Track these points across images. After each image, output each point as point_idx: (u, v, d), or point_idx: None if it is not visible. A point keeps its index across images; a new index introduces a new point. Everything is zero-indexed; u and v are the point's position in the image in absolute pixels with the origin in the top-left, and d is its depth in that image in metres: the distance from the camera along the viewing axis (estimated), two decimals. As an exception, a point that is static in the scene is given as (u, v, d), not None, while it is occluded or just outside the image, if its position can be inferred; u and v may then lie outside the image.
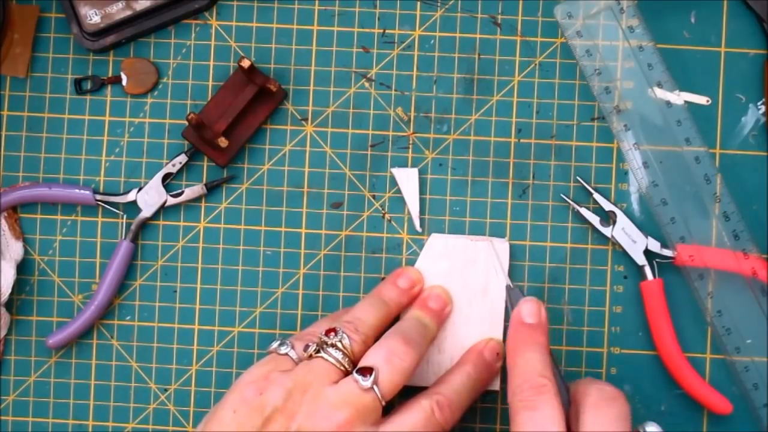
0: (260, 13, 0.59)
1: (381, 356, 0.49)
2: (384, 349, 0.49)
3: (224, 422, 0.47)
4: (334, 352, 0.49)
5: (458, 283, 0.56)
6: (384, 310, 0.53)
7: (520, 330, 0.49)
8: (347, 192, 0.58)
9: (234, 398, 0.48)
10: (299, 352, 0.50)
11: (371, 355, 0.49)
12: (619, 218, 0.57)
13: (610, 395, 0.47)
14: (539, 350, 0.49)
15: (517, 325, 0.50)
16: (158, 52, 0.59)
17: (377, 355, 0.49)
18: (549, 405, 0.46)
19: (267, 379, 0.48)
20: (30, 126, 0.59)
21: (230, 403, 0.48)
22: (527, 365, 0.48)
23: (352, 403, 0.47)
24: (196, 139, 0.57)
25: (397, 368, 0.49)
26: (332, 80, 0.59)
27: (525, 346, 0.49)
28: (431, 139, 0.58)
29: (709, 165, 0.57)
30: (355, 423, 0.47)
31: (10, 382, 0.58)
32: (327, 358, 0.48)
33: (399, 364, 0.49)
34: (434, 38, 0.59)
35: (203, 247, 0.58)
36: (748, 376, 0.57)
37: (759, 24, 0.58)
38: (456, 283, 0.56)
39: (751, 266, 0.56)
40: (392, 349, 0.49)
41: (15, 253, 0.58)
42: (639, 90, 0.58)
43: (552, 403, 0.46)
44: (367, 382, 0.47)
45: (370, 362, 0.48)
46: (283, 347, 0.50)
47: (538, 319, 0.50)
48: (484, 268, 0.56)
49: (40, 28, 0.59)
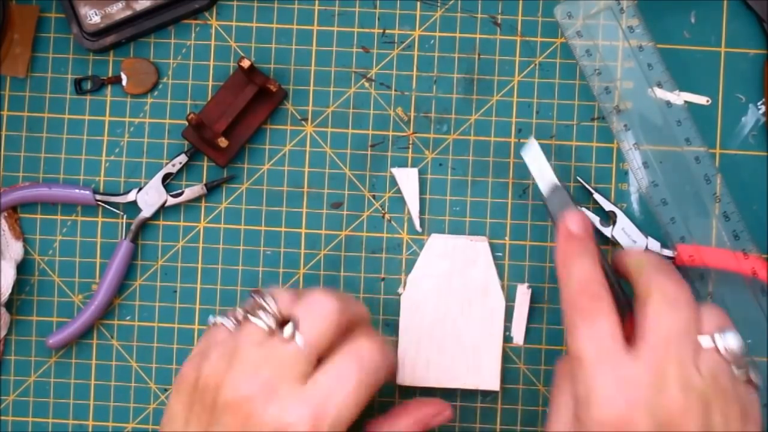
0: (260, 13, 0.59)
1: (301, 308, 0.47)
2: (304, 300, 0.47)
3: (173, 411, 0.47)
4: (260, 313, 0.47)
5: (458, 283, 0.56)
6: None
7: (569, 241, 0.49)
8: (347, 192, 0.58)
9: (178, 384, 0.47)
10: (232, 320, 0.48)
11: (293, 309, 0.47)
12: (619, 218, 0.57)
13: (673, 296, 0.46)
14: (590, 259, 0.48)
15: (565, 236, 0.49)
16: (158, 52, 0.59)
17: (298, 308, 0.47)
18: (607, 316, 0.45)
19: (201, 354, 0.47)
20: (30, 126, 0.59)
21: (176, 390, 0.47)
22: (580, 274, 0.47)
23: (274, 358, 0.45)
24: (196, 139, 0.57)
25: (318, 314, 0.46)
26: (332, 80, 0.59)
27: (575, 256, 0.48)
28: (431, 139, 0.58)
29: (709, 165, 0.57)
30: (280, 378, 0.45)
31: (10, 382, 0.58)
32: (253, 320, 0.47)
33: (320, 310, 0.46)
34: (434, 38, 0.59)
35: (203, 247, 0.58)
36: (748, 376, 0.57)
37: (759, 24, 0.58)
38: (456, 282, 0.56)
39: (751, 266, 0.56)
40: (312, 298, 0.47)
41: (15, 253, 0.58)
42: (639, 90, 0.58)
43: (610, 313, 0.46)
44: (286, 332, 0.46)
45: (291, 314, 0.47)
46: (218, 318, 0.49)
47: (586, 228, 0.49)
48: (484, 267, 0.56)
49: (40, 28, 0.59)
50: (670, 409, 0.43)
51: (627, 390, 0.44)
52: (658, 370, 0.44)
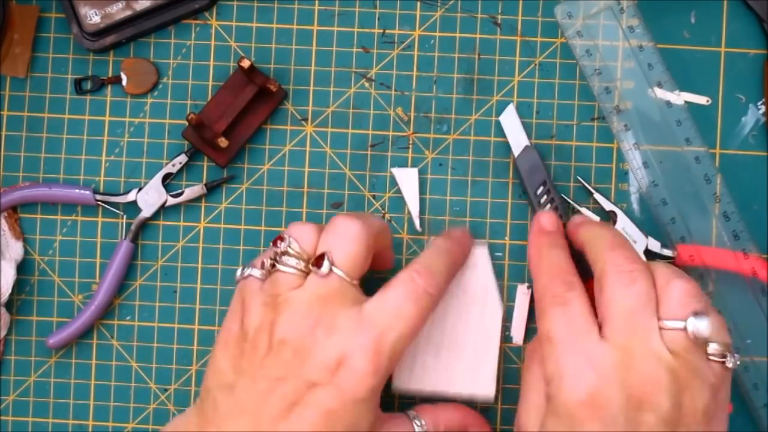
0: (260, 13, 0.59)
1: (328, 239, 0.48)
2: (329, 232, 0.48)
3: (220, 366, 0.47)
4: (287, 259, 0.47)
5: (456, 287, 0.55)
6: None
7: (541, 236, 0.52)
8: (347, 192, 0.58)
9: (223, 339, 0.48)
10: (260, 269, 0.49)
11: (320, 245, 0.48)
12: (620, 218, 0.57)
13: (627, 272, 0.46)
14: (562, 251, 0.50)
15: (537, 232, 0.52)
16: (158, 52, 0.59)
17: (325, 241, 0.48)
18: (579, 300, 0.47)
19: (241, 307, 0.48)
20: (30, 126, 0.59)
21: (221, 345, 0.48)
22: (553, 265, 0.49)
23: (321, 295, 0.46)
24: (196, 139, 0.57)
25: (347, 240, 0.47)
26: (332, 80, 0.59)
27: (548, 248, 0.50)
28: (431, 139, 0.58)
29: (709, 165, 0.57)
30: (334, 311, 0.46)
31: (10, 382, 0.58)
32: (282, 268, 0.47)
33: (348, 235, 0.47)
34: (434, 38, 0.59)
35: (203, 247, 0.58)
36: (748, 376, 0.57)
37: (759, 24, 0.58)
38: (454, 286, 0.55)
39: (751, 266, 0.56)
40: (336, 225, 0.48)
41: (15, 253, 0.58)
42: (639, 90, 0.58)
43: (581, 298, 0.47)
44: (324, 268, 0.46)
45: (321, 250, 0.47)
46: (246, 270, 0.49)
47: (557, 226, 0.53)
48: (482, 272, 0.56)
49: (40, 28, 0.59)
50: (639, 385, 0.44)
51: (597, 368, 0.44)
52: (625, 347, 0.44)
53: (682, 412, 0.44)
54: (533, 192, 0.56)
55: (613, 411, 0.43)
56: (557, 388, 0.45)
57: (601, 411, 0.43)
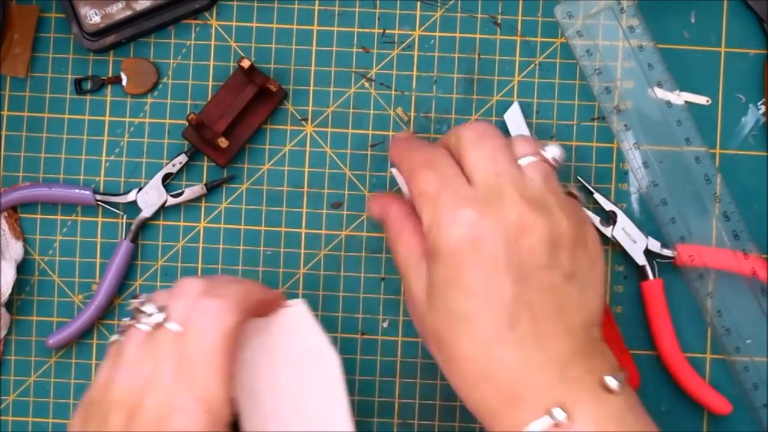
0: (260, 13, 0.59)
1: (169, 295, 0.46)
2: (172, 290, 0.46)
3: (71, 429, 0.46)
4: (140, 316, 0.46)
5: (283, 357, 0.50)
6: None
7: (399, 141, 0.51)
8: (347, 192, 0.58)
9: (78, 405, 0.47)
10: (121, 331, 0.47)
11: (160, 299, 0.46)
12: (620, 218, 0.57)
13: (479, 134, 0.47)
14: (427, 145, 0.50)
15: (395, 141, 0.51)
16: (158, 52, 0.59)
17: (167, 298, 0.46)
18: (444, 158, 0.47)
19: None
20: (30, 126, 0.59)
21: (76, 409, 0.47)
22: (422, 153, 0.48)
23: (154, 350, 0.45)
24: (196, 139, 0.57)
25: (185, 296, 0.45)
26: (332, 80, 0.59)
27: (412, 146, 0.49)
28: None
29: (709, 165, 0.57)
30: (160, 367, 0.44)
31: (10, 382, 0.58)
32: (135, 324, 0.46)
33: (186, 292, 0.45)
34: (434, 38, 0.59)
35: (203, 247, 0.58)
36: (748, 376, 0.57)
37: (759, 24, 0.58)
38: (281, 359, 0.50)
39: (751, 266, 0.56)
40: (178, 284, 0.46)
41: (15, 253, 0.58)
42: (639, 90, 0.58)
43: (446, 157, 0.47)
44: (154, 320, 0.45)
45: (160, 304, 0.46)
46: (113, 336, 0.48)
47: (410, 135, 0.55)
48: (304, 331, 0.50)
49: (40, 28, 0.59)
50: (514, 218, 0.44)
51: (472, 205, 0.45)
52: (496, 189, 0.45)
53: (558, 231, 0.45)
54: None
55: (495, 239, 0.44)
56: (437, 232, 0.45)
57: (484, 241, 0.44)
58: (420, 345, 0.58)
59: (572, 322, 0.44)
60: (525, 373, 0.43)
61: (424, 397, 0.58)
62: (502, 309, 0.43)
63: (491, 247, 0.44)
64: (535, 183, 0.46)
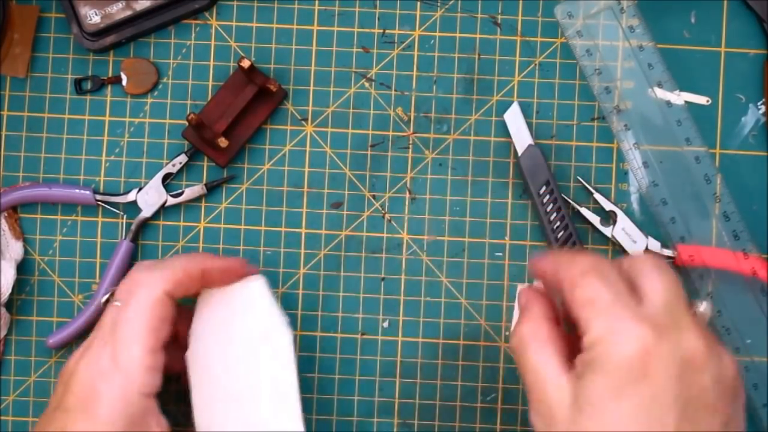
0: (260, 13, 0.59)
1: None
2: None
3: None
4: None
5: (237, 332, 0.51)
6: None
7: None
8: (347, 192, 0.58)
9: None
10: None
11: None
12: (620, 218, 0.57)
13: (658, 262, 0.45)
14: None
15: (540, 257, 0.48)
16: (158, 52, 0.59)
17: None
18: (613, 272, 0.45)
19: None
20: (30, 126, 0.59)
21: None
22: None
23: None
24: (196, 139, 0.57)
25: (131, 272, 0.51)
26: (332, 80, 0.59)
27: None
28: (431, 139, 0.58)
29: (709, 165, 0.57)
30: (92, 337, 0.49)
31: (10, 382, 0.58)
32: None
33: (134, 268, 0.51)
34: (434, 38, 0.59)
35: (203, 247, 0.58)
36: (748, 376, 0.57)
37: (759, 24, 0.58)
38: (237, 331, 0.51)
39: (751, 266, 0.56)
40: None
41: (15, 253, 0.58)
42: (639, 90, 0.58)
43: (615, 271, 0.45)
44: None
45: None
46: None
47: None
48: (261, 308, 0.51)
49: (40, 28, 0.59)
50: (691, 351, 0.42)
51: (650, 329, 0.42)
52: (674, 315, 0.43)
53: (726, 374, 0.43)
54: (536, 191, 0.56)
55: (667, 366, 0.41)
56: (609, 343, 0.42)
57: (657, 366, 0.41)
58: (420, 345, 0.58)
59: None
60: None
61: (424, 397, 0.58)
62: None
63: (663, 374, 0.41)
64: (703, 323, 0.45)
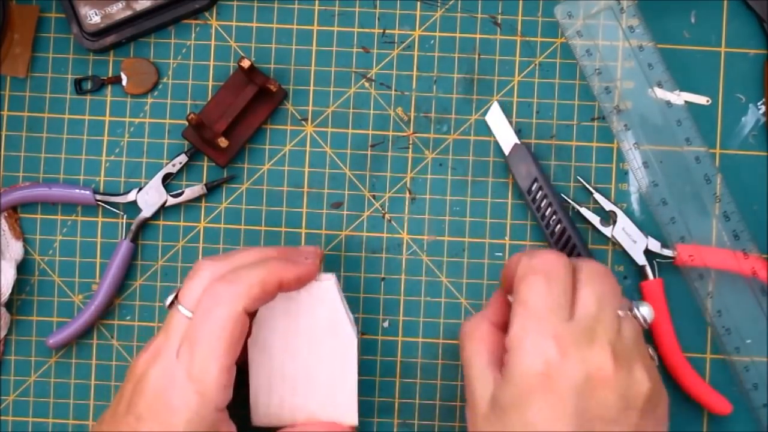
0: (260, 13, 0.59)
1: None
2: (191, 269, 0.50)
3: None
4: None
5: (308, 322, 0.52)
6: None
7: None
8: (347, 192, 0.58)
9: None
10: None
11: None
12: (620, 218, 0.57)
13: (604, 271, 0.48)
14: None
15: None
16: (158, 52, 0.59)
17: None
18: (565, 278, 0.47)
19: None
20: (30, 126, 0.59)
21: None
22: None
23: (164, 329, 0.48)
24: (196, 139, 0.57)
25: (194, 280, 0.48)
26: (332, 80, 0.59)
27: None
28: (431, 139, 0.58)
29: (709, 165, 0.57)
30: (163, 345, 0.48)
31: (10, 382, 0.58)
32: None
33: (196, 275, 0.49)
34: (434, 38, 0.59)
35: (203, 247, 0.58)
36: (748, 376, 0.57)
37: (759, 24, 0.58)
38: (306, 322, 0.52)
39: (751, 266, 0.56)
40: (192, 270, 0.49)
41: (15, 253, 0.58)
42: (639, 90, 0.58)
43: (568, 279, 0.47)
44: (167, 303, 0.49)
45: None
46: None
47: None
48: (330, 306, 0.52)
49: (40, 28, 0.59)
50: (595, 368, 0.44)
51: (556, 348, 0.44)
52: (589, 332, 0.45)
53: (635, 391, 0.45)
54: (526, 190, 0.56)
55: (569, 383, 0.44)
56: (516, 352, 0.45)
57: (559, 381, 0.44)
58: (420, 345, 0.58)
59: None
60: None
61: (424, 397, 0.58)
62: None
63: (564, 389, 0.44)
64: (626, 338, 0.46)
